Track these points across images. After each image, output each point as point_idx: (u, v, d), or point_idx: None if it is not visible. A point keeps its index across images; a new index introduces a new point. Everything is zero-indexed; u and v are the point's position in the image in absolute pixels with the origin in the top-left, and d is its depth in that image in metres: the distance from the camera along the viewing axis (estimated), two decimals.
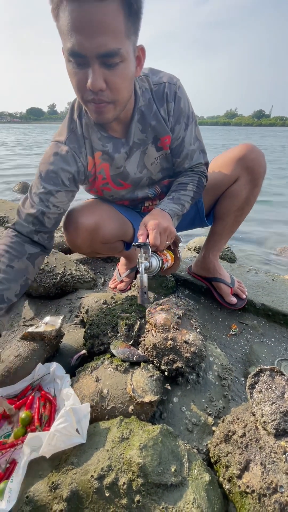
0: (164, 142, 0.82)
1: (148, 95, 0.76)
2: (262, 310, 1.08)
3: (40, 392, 0.67)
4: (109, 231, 0.92)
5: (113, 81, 0.59)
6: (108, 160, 0.82)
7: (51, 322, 0.80)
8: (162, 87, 0.75)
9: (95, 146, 0.79)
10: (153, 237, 0.71)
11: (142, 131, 0.79)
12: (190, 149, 0.84)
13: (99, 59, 0.56)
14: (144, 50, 0.66)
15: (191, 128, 0.82)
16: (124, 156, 0.82)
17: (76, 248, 0.94)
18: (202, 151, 0.88)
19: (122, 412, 0.57)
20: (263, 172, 0.89)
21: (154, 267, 0.77)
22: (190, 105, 0.81)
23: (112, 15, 0.52)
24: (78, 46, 0.54)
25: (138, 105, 0.75)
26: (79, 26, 0.52)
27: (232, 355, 0.94)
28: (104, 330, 0.73)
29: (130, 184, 0.90)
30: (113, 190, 0.91)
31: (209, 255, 1.11)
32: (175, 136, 0.81)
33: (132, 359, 0.64)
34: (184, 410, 0.61)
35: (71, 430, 0.50)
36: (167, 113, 0.78)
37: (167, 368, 0.62)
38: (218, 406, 0.63)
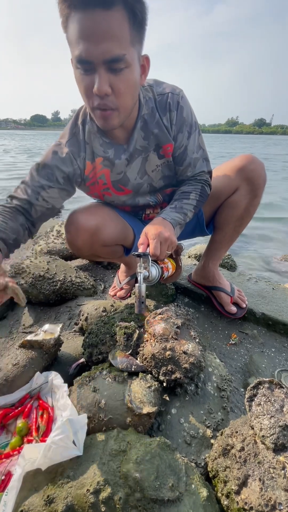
0: (166, 150, 0.84)
1: (152, 104, 0.78)
2: (262, 320, 1.07)
3: (38, 402, 0.67)
4: (109, 234, 0.92)
5: (118, 86, 0.61)
6: (109, 166, 0.84)
7: (50, 330, 0.80)
8: (165, 97, 0.78)
9: (97, 152, 0.82)
10: (153, 246, 0.71)
11: (144, 138, 0.81)
12: (193, 157, 0.85)
13: (105, 64, 0.58)
14: (148, 59, 0.69)
15: (194, 137, 0.83)
16: (125, 162, 0.83)
17: (76, 249, 0.95)
18: (205, 159, 0.89)
19: (120, 423, 0.56)
20: (263, 183, 0.89)
21: (154, 276, 0.77)
22: (193, 115, 0.83)
23: (117, 23, 0.55)
24: (85, 52, 0.56)
25: (142, 113, 0.78)
26: (86, 34, 0.55)
27: (232, 365, 0.93)
28: (103, 339, 0.73)
29: (130, 189, 0.91)
30: (114, 195, 0.92)
31: (209, 263, 1.11)
32: (178, 145, 0.83)
33: (131, 369, 0.64)
34: (182, 422, 0.61)
35: (67, 442, 0.50)
36: (169, 121, 0.80)
37: (166, 378, 0.62)
38: (217, 418, 0.62)
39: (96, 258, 1.04)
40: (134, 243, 1.04)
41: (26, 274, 1.09)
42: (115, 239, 0.96)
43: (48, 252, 1.38)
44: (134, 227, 1.03)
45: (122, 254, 1.08)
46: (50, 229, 1.54)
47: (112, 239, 0.95)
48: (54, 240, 1.42)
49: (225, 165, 0.95)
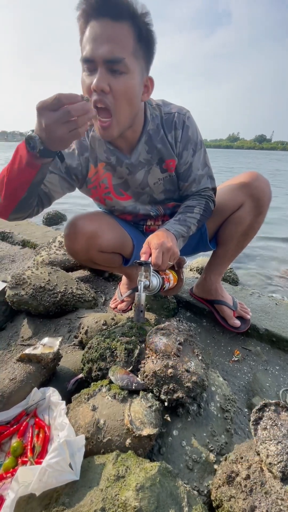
0: (168, 164, 0.86)
1: (157, 121, 0.82)
2: (265, 336, 1.05)
3: (35, 419, 0.64)
4: (106, 240, 0.94)
5: (115, 87, 0.65)
6: (110, 170, 0.87)
7: (49, 344, 0.78)
8: (171, 116, 0.81)
9: (100, 157, 0.85)
10: (155, 256, 0.71)
11: (148, 152, 0.84)
12: (197, 174, 0.87)
13: (105, 64, 0.63)
14: (152, 80, 0.73)
15: (199, 154, 0.85)
16: (126, 171, 0.86)
17: (73, 253, 0.97)
18: (210, 177, 0.90)
19: (119, 445, 0.54)
20: (268, 200, 0.89)
21: (154, 286, 0.76)
22: (198, 134, 0.85)
23: (122, 32, 0.62)
24: (90, 52, 0.63)
25: (147, 128, 0.81)
26: (94, 38, 0.62)
27: (235, 383, 0.91)
28: (103, 354, 0.71)
29: (130, 195, 0.93)
30: (114, 199, 0.94)
31: (211, 277, 1.10)
32: (183, 161, 0.85)
33: (131, 387, 0.61)
34: (184, 445, 0.58)
35: (64, 465, 0.47)
36: (174, 139, 0.82)
37: (167, 398, 0.60)
38: (220, 441, 0.60)
39: (93, 265, 1.05)
40: (133, 253, 1.05)
41: (27, 285, 1.08)
42: (112, 246, 0.97)
43: (50, 263, 1.37)
44: (133, 238, 1.03)
45: (121, 264, 1.08)
46: (53, 240, 1.54)
47: (109, 246, 0.96)
48: (56, 251, 1.42)
49: (230, 181, 0.96)
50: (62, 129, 0.55)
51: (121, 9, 0.60)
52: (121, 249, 1.02)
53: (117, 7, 0.60)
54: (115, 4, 0.60)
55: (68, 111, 0.54)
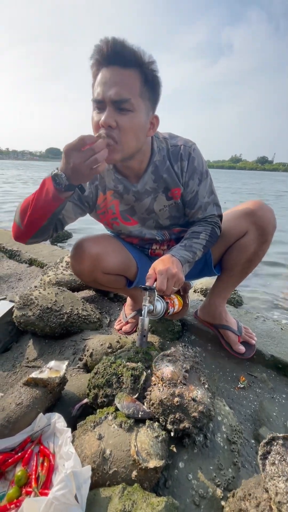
0: (174, 193, 0.90)
1: (164, 153, 0.87)
2: (271, 362, 1.04)
3: (39, 447, 0.64)
4: (111, 262, 0.96)
5: (122, 124, 0.71)
6: (118, 197, 0.92)
7: (56, 367, 0.79)
8: (178, 148, 0.86)
9: (108, 186, 0.91)
10: (160, 282, 0.73)
11: (154, 181, 0.89)
12: (204, 202, 0.91)
13: (113, 104, 0.69)
14: (158, 118, 0.80)
15: (204, 183, 0.90)
16: (133, 198, 0.91)
17: (78, 273, 1.00)
18: (216, 204, 0.94)
19: (125, 478, 0.53)
20: (273, 229, 0.91)
21: (158, 311, 0.77)
22: (204, 164, 0.90)
23: (130, 77, 0.69)
24: (100, 94, 0.70)
25: (154, 159, 0.86)
26: (104, 82, 0.69)
27: (241, 412, 0.89)
28: (109, 380, 0.71)
29: (137, 221, 0.97)
30: (121, 224, 0.99)
31: (215, 301, 1.11)
32: (189, 190, 0.89)
33: (137, 415, 0.61)
34: (190, 479, 0.57)
35: (70, 498, 0.47)
36: (180, 169, 0.87)
37: (174, 428, 0.60)
38: (227, 475, 0.59)
39: (98, 285, 1.07)
40: (137, 276, 1.07)
41: (34, 306, 1.09)
42: (116, 268, 1.00)
43: (57, 283, 1.39)
44: (138, 261, 1.06)
45: (124, 286, 1.10)
46: (60, 260, 1.57)
47: (113, 268, 0.99)
48: (63, 271, 1.45)
49: (235, 209, 0.99)
50: (85, 166, 0.63)
51: (129, 59, 0.68)
52: (126, 272, 1.04)
53: (126, 57, 0.68)
54: (124, 55, 0.67)
55: (92, 149, 0.63)
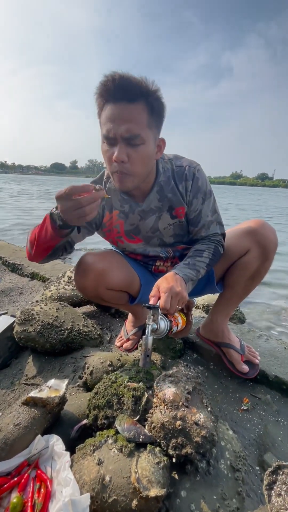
0: (178, 211, 0.92)
1: (169, 174, 0.90)
2: (275, 383, 1.01)
3: (36, 471, 0.62)
4: (114, 279, 0.97)
5: (133, 157, 0.75)
6: (123, 217, 0.94)
7: (55, 386, 0.77)
8: (182, 169, 0.89)
9: (115, 206, 0.94)
10: (163, 300, 0.73)
11: (159, 200, 0.91)
12: (207, 220, 0.93)
13: (124, 140, 0.73)
14: (164, 141, 0.83)
15: (208, 202, 0.92)
16: (138, 217, 0.93)
17: (82, 289, 1.01)
18: (219, 223, 0.96)
19: (125, 507, 0.51)
20: (274, 247, 0.92)
21: (162, 330, 0.77)
22: (207, 184, 0.92)
23: (137, 111, 0.72)
24: (110, 131, 0.73)
25: (159, 180, 0.89)
26: (112, 118, 0.72)
27: (245, 436, 0.86)
28: (110, 401, 0.69)
29: (141, 239, 0.99)
30: (126, 243, 1.01)
31: (218, 319, 1.10)
32: (193, 208, 0.91)
33: (138, 439, 0.60)
34: (193, 509, 0.55)
35: None
36: (184, 189, 0.90)
37: (176, 453, 0.58)
38: (231, 506, 0.56)
39: (101, 301, 1.07)
40: (140, 292, 1.07)
41: (35, 321, 1.09)
42: (120, 284, 1.00)
43: (58, 298, 1.39)
44: (141, 277, 1.06)
45: (127, 302, 1.10)
46: (62, 275, 1.58)
47: (117, 284, 1.00)
48: (64, 286, 1.45)
49: (237, 227, 1.01)
50: (73, 214, 0.66)
51: (136, 93, 0.70)
52: (129, 288, 1.05)
53: (132, 91, 0.70)
54: (130, 90, 0.69)
55: (79, 201, 0.65)
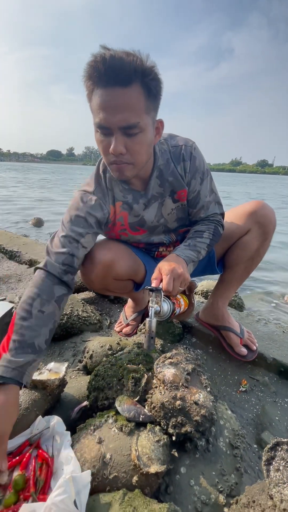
0: (180, 195, 0.89)
1: (167, 156, 0.85)
2: (273, 365, 1.03)
3: (38, 451, 0.62)
4: (122, 268, 0.95)
5: (132, 147, 0.68)
6: (127, 209, 0.89)
7: (55, 369, 0.78)
8: (179, 149, 0.85)
9: (117, 197, 0.88)
10: (166, 282, 0.72)
11: (160, 185, 0.87)
12: (205, 201, 0.90)
13: (121, 130, 0.66)
14: (162, 122, 0.77)
15: (206, 182, 0.89)
16: (142, 206, 0.89)
17: (88, 282, 0.96)
18: (217, 203, 0.94)
19: (125, 483, 0.52)
20: (273, 227, 0.93)
21: (165, 312, 0.76)
22: (205, 164, 0.89)
23: (133, 97, 0.63)
24: (104, 120, 0.64)
25: (157, 164, 0.84)
26: (105, 106, 0.63)
27: (243, 416, 0.88)
28: (110, 383, 0.70)
29: (146, 230, 0.96)
30: (130, 235, 0.97)
31: (218, 302, 1.10)
32: (191, 190, 0.88)
33: (138, 419, 0.60)
34: (192, 484, 0.56)
35: (69, 503, 0.46)
36: (183, 170, 0.86)
37: (175, 432, 0.58)
38: (230, 481, 0.57)
39: (106, 292, 1.06)
40: (145, 279, 1.05)
41: None
42: (127, 273, 0.98)
43: None
44: (145, 263, 1.05)
45: (132, 289, 1.09)
46: None
47: (125, 274, 0.97)
48: None
49: (237, 208, 1.00)
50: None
51: (130, 75, 0.60)
52: (135, 276, 1.03)
53: (125, 73, 0.60)
54: (123, 71, 0.60)
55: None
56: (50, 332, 0.71)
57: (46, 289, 0.72)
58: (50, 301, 0.72)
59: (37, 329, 0.67)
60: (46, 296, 0.71)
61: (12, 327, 0.67)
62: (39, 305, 0.69)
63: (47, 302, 0.71)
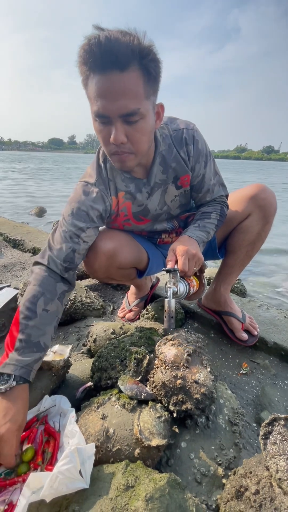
0: (183, 180, 0.88)
1: (168, 141, 0.83)
2: (274, 349, 1.04)
3: (44, 426, 0.65)
4: (126, 257, 0.95)
5: (133, 135, 0.66)
6: (130, 199, 0.87)
7: (60, 351, 0.80)
8: (180, 132, 0.83)
9: (119, 187, 0.85)
10: (182, 263, 0.74)
11: (163, 172, 0.85)
12: (210, 184, 0.90)
13: (121, 118, 0.63)
14: (163, 106, 0.73)
15: (209, 165, 0.88)
16: (146, 195, 0.87)
17: (92, 271, 0.96)
18: (221, 184, 0.93)
19: (128, 455, 0.54)
20: (274, 210, 0.92)
21: (182, 292, 0.78)
22: (206, 146, 0.88)
23: (132, 82, 0.60)
24: (102, 108, 0.62)
25: (159, 150, 0.82)
26: (103, 93, 0.60)
27: (243, 397, 0.90)
28: (113, 363, 0.72)
29: (150, 219, 0.95)
30: (134, 225, 0.96)
31: (220, 287, 1.11)
32: (196, 174, 0.87)
33: (140, 397, 0.62)
34: (192, 458, 0.58)
35: (74, 472, 0.48)
36: (186, 154, 0.84)
37: (176, 409, 0.60)
38: (228, 455, 0.60)
39: (109, 280, 1.07)
40: (148, 266, 1.06)
41: None
42: (130, 262, 0.98)
43: None
44: (148, 251, 1.05)
45: (135, 277, 1.10)
46: None
47: (128, 262, 0.97)
48: None
49: (238, 192, 0.99)
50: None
51: (128, 57, 0.57)
52: (138, 264, 1.03)
53: (122, 56, 0.56)
54: (120, 53, 0.56)
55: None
56: (54, 328, 0.72)
57: (49, 288, 0.72)
58: (53, 299, 0.72)
59: (42, 327, 0.67)
60: (50, 295, 0.71)
61: (16, 324, 0.67)
62: (43, 304, 0.69)
63: (50, 300, 0.71)
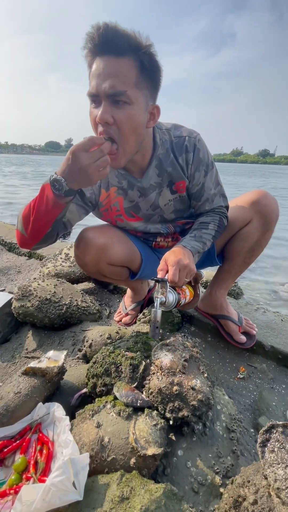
0: (178, 186, 0.88)
1: (167, 146, 0.84)
2: (271, 353, 1.03)
3: (38, 435, 0.64)
4: (116, 254, 0.95)
5: (119, 118, 0.68)
6: (122, 194, 0.89)
7: (54, 357, 0.78)
8: (182, 140, 0.83)
9: (111, 182, 0.87)
10: (172, 273, 0.73)
11: (158, 175, 0.86)
12: (210, 193, 0.90)
13: (108, 98, 0.66)
14: (159, 109, 0.75)
15: (210, 174, 0.88)
16: (137, 193, 0.88)
17: (82, 264, 0.98)
18: (222, 195, 0.93)
19: (123, 465, 0.53)
20: (276, 217, 0.91)
21: (170, 302, 0.77)
22: (209, 155, 0.88)
23: (124, 66, 0.65)
24: (94, 87, 0.67)
25: (157, 153, 0.83)
26: (97, 73, 0.66)
27: (240, 402, 0.89)
28: (108, 370, 0.71)
29: (141, 217, 0.95)
30: (126, 221, 0.96)
31: (217, 292, 1.10)
32: (196, 182, 0.87)
33: (136, 404, 0.61)
34: (189, 466, 0.57)
35: (68, 484, 0.47)
36: (185, 161, 0.84)
37: (172, 416, 0.59)
38: (226, 463, 0.58)
39: (101, 276, 1.06)
40: (141, 268, 1.06)
41: (33, 297, 1.09)
42: (121, 259, 0.98)
43: (56, 275, 1.39)
44: (142, 252, 1.05)
45: (128, 277, 1.09)
46: (59, 252, 1.56)
47: (118, 259, 0.97)
48: (62, 263, 1.44)
49: (239, 198, 0.98)
50: (96, 167, 0.62)
51: (123, 46, 0.63)
52: (130, 263, 1.03)
53: (119, 44, 0.63)
54: (117, 42, 0.63)
55: (101, 150, 0.62)
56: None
57: None
58: None
59: None
60: None
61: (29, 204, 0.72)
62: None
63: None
